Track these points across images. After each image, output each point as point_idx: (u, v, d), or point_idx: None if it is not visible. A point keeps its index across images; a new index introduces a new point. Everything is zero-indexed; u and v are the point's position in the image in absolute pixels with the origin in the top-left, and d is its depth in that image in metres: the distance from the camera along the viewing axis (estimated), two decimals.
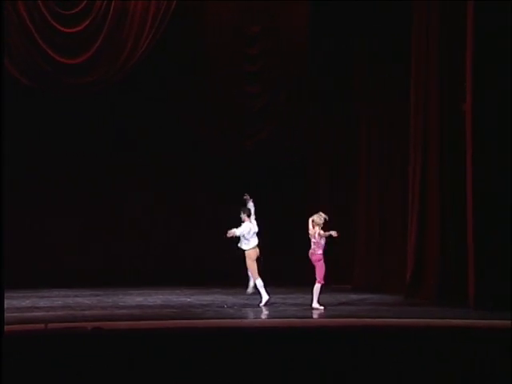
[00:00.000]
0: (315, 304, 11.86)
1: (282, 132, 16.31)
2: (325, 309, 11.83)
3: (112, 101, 15.54)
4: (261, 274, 12.38)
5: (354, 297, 13.94)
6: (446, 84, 13.12)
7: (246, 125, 16.09)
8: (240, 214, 12.49)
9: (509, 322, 9.22)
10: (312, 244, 11.94)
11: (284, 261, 16.00)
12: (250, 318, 11.51)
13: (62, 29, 13.81)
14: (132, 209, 16.81)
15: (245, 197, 12.63)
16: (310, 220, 11.97)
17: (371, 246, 15.42)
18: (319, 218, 11.92)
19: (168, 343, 8.08)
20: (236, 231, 12.29)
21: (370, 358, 7.94)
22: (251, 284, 12.49)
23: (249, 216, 12.47)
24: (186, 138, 16.24)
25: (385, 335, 8.72)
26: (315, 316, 11.42)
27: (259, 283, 12.32)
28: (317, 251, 11.92)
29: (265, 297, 12.32)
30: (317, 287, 11.85)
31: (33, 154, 15.91)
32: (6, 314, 10.99)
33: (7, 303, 12.49)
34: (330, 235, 11.90)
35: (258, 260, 12.42)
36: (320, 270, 11.86)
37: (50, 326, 9.49)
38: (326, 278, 11.98)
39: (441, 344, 8.18)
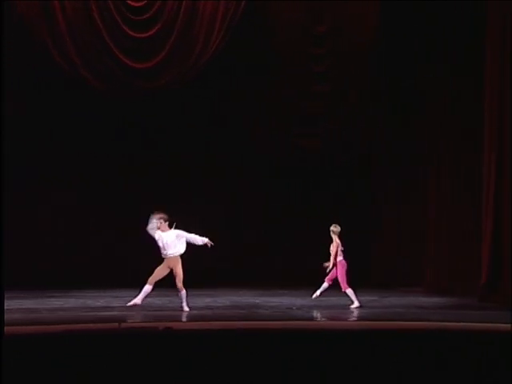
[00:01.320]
0: (357, 302, 12.19)
1: (347, 132, 16.20)
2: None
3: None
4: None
5: (424, 300, 13.79)
6: None
7: (308, 125, 15.99)
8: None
9: None
10: (340, 252, 12.15)
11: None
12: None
13: (134, 34, 13.95)
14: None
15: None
16: (333, 232, 12.19)
17: (442, 247, 15.21)
18: (336, 227, 12.26)
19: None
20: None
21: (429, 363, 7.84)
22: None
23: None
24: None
25: (459, 339, 8.59)
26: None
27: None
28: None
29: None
30: (351, 291, 12.18)
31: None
32: (82, 313, 11.26)
33: (82, 303, 12.76)
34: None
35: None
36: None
37: (123, 325, 9.67)
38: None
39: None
